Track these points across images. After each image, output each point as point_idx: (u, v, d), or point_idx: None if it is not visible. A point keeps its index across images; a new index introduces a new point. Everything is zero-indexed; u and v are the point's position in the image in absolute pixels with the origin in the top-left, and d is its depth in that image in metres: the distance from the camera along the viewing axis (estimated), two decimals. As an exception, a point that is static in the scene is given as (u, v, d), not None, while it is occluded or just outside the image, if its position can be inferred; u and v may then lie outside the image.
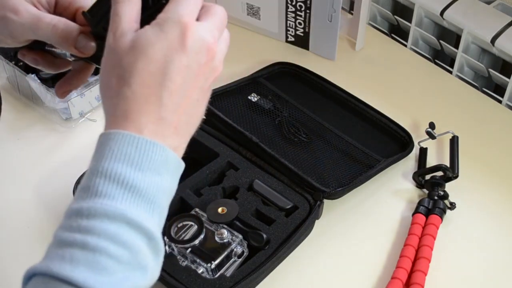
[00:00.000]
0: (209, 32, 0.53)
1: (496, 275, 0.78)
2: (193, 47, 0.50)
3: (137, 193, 0.47)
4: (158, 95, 0.49)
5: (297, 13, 1.04)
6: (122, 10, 0.51)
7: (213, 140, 0.88)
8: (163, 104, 0.49)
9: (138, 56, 0.49)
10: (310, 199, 0.81)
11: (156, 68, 0.49)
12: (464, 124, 0.95)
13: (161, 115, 0.49)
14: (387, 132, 0.92)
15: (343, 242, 0.81)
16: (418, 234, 0.79)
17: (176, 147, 0.50)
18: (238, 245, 0.74)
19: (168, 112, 0.49)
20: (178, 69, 0.50)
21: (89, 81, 0.94)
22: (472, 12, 1.00)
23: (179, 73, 0.50)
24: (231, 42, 1.17)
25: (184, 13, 0.50)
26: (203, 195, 0.81)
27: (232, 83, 0.96)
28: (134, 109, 0.48)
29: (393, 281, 0.74)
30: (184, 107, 0.51)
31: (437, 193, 0.83)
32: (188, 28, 0.50)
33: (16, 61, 0.98)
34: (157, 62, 0.49)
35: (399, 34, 1.12)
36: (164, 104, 0.49)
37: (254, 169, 0.84)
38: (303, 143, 0.89)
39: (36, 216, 0.82)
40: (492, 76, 1.00)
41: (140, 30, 0.50)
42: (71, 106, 0.92)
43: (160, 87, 0.49)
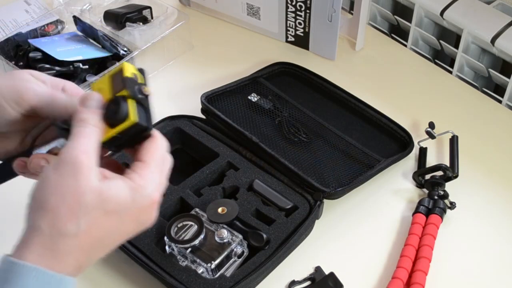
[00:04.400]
0: (158, 192, 0.55)
1: (496, 274, 0.78)
2: (148, 217, 0.55)
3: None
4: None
5: (297, 13, 1.04)
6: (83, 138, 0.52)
7: (213, 140, 0.88)
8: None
9: (107, 209, 0.51)
10: (310, 199, 0.81)
11: (107, 229, 0.52)
12: (464, 124, 0.95)
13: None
14: (387, 132, 0.92)
15: (343, 242, 0.81)
16: (418, 234, 0.79)
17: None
18: (238, 245, 0.74)
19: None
20: (122, 235, 0.54)
21: (89, 81, 0.94)
22: (472, 12, 1.00)
23: (118, 237, 0.54)
24: (231, 42, 1.18)
25: (156, 188, 0.54)
26: (203, 195, 0.81)
27: (232, 83, 0.96)
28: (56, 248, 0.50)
29: (394, 280, 0.74)
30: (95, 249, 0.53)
31: (437, 192, 0.83)
32: (154, 204, 0.54)
33: (16, 61, 0.98)
34: (116, 221, 0.52)
35: (399, 34, 1.12)
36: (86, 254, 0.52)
37: (254, 169, 0.84)
38: (303, 143, 0.89)
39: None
40: (492, 76, 1.00)
41: (112, 183, 0.52)
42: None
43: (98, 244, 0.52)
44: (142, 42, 1.01)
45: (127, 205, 0.52)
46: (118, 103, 0.53)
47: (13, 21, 1.08)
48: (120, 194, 0.51)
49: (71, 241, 0.50)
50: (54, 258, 0.50)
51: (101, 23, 1.06)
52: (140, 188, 0.52)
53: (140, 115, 0.53)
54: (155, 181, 0.53)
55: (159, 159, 0.55)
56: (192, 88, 0.99)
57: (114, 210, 0.51)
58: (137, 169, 0.53)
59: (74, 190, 0.50)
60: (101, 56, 0.99)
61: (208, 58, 1.07)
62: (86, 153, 0.51)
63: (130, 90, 0.53)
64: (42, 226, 0.50)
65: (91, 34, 1.03)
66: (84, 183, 0.50)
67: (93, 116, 0.53)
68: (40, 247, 0.49)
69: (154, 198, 0.53)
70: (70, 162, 0.50)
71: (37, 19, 1.04)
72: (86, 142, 0.52)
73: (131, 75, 0.54)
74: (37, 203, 0.51)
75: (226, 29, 1.13)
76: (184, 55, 1.07)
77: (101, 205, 0.51)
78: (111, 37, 1.00)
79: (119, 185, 0.52)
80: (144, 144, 0.55)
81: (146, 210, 0.54)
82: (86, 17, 1.06)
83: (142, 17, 1.06)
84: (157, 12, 1.08)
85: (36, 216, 0.50)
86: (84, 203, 0.50)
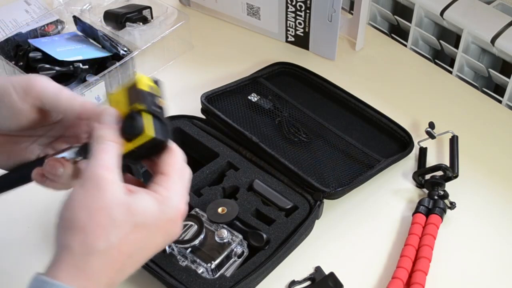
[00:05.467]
0: (183, 203, 0.55)
1: (497, 274, 0.78)
2: (175, 229, 0.55)
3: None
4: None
5: (297, 13, 1.04)
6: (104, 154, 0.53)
7: (213, 140, 0.88)
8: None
9: (136, 223, 0.51)
10: (310, 199, 0.81)
11: (137, 244, 0.52)
12: (464, 124, 0.95)
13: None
14: (387, 132, 0.92)
15: (343, 242, 0.81)
16: (418, 234, 0.79)
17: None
18: (238, 245, 0.74)
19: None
20: (150, 248, 0.54)
21: (89, 81, 0.94)
22: (472, 12, 1.00)
23: (147, 251, 0.54)
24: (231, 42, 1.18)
25: (181, 199, 0.54)
26: (203, 195, 0.81)
27: (232, 83, 0.96)
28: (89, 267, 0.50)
29: (394, 280, 0.74)
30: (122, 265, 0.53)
31: (437, 192, 0.83)
32: (181, 215, 0.54)
33: (16, 61, 0.98)
34: (146, 235, 0.52)
35: (399, 34, 1.12)
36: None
37: (254, 169, 0.84)
38: (303, 143, 0.89)
39: (36, 216, 0.82)
40: (492, 76, 1.00)
41: (138, 196, 0.52)
42: (71, 106, 0.92)
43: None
44: (142, 42, 1.01)
45: (156, 218, 0.52)
46: (133, 118, 0.53)
47: (13, 21, 1.08)
48: (147, 207, 0.52)
49: (102, 259, 0.50)
50: (86, 278, 0.49)
51: (101, 23, 1.06)
52: (166, 200, 0.53)
53: (156, 129, 0.54)
54: (179, 192, 0.54)
55: (180, 171, 0.55)
56: (192, 88, 0.99)
57: (143, 223, 0.51)
58: (160, 182, 0.54)
59: (102, 205, 0.50)
60: (101, 56, 0.99)
61: (208, 58, 1.07)
62: (109, 169, 0.51)
63: (145, 104, 0.54)
64: (73, 245, 0.49)
65: (91, 34, 1.03)
66: (111, 198, 0.50)
67: (111, 131, 0.54)
68: (71, 267, 0.49)
69: (180, 209, 0.54)
70: (94, 179, 0.51)
71: (37, 19, 1.04)
72: (107, 157, 0.52)
73: (146, 88, 0.55)
74: (65, 222, 0.50)
75: (226, 29, 1.13)
76: (184, 55, 1.07)
77: (130, 218, 0.51)
78: (111, 37, 1.00)
79: (145, 198, 0.52)
80: (163, 156, 0.55)
81: (173, 222, 0.54)
82: (86, 17, 1.06)
83: (142, 17, 1.06)
84: (157, 12, 1.08)
85: (65, 235, 0.50)
86: (113, 218, 0.50)
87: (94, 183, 0.50)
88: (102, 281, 0.50)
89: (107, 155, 0.52)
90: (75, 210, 0.50)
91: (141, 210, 0.51)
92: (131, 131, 0.53)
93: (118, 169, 0.52)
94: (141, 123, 0.53)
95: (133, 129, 0.53)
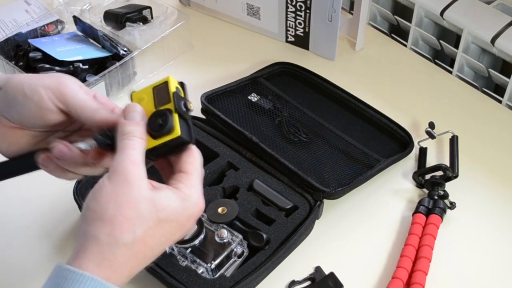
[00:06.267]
0: (202, 201, 0.57)
1: (496, 274, 0.78)
2: (191, 225, 0.57)
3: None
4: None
5: (297, 13, 1.04)
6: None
7: (213, 140, 0.88)
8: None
9: (160, 218, 0.53)
10: (310, 199, 0.81)
11: (163, 233, 0.54)
12: (464, 124, 0.95)
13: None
14: (387, 132, 0.92)
15: (343, 242, 0.81)
16: (418, 234, 0.79)
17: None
18: (238, 245, 0.74)
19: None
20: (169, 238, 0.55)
21: (89, 81, 0.94)
22: (472, 12, 1.00)
23: (165, 241, 0.55)
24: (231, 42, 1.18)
25: (201, 197, 0.56)
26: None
27: (232, 83, 0.96)
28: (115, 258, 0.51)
29: (394, 281, 0.74)
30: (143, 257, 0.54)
31: (437, 192, 0.83)
32: (200, 212, 0.56)
33: (16, 61, 0.98)
34: (168, 230, 0.54)
35: (399, 34, 1.12)
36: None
37: (254, 169, 0.84)
38: (303, 143, 0.89)
39: (36, 216, 0.82)
40: (492, 76, 1.00)
41: (162, 193, 0.54)
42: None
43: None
44: (142, 42, 1.01)
45: (178, 214, 0.54)
46: (165, 117, 0.56)
47: (13, 21, 1.08)
48: (171, 203, 0.54)
49: (127, 251, 0.51)
50: (110, 268, 0.51)
51: (101, 23, 1.06)
52: (188, 197, 0.55)
53: (183, 129, 0.56)
54: (199, 190, 0.56)
55: (199, 170, 0.57)
56: (192, 88, 0.97)
57: (166, 219, 0.53)
58: (182, 180, 0.56)
59: (130, 199, 0.52)
60: (101, 56, 0.99)
61: (208, 58, 1.07)
62: (137, 164, 0.53)
63: (177, 105, 0.56)
64: (100, 235, 0.51)
65: (91, 34, 1.03)
66: (138, 192, 0.52)
67: (138, 128, 0.56)
68: (97, 257, 0.50)
69: (200, 206, 0.56)
70: (122, 173, 0.52)
71: (37, 19, 1.05)
72: (135, 153, 0.54)
73: (175, 89, 0.57)
74: (93, 213, 0.52)
75: (226, 29, 1.13)
76: (184, 55, 1.07)
77: (155, 214, 0.52)
78: (111, 37, 1.00)
79: (169, 195, 0.54)
80: (184, 155, 0.57)
81: (192, 218, 0.56)
82: (86, 17, 1.06)
83: (142, 17, 1.06)
84: (157, 12, 1.08)
85: (93, 226, 0.51)
86: (140, 212, 0.52)
87: (123, 178, 0.52)
88: (125, 272, 0.52)
89: (135, 151, 0.54)
90: (103, 202, 0.51)
91: (165, 205, 0.53)
92: (160, 129, 0.56)
93: (144, 165, 0.54)
94: (171, 122, 0.55)
95: (163, 127, 0.55)
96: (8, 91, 0.59)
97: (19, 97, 0.58)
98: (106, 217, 0.51)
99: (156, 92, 0.58)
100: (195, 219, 0.57)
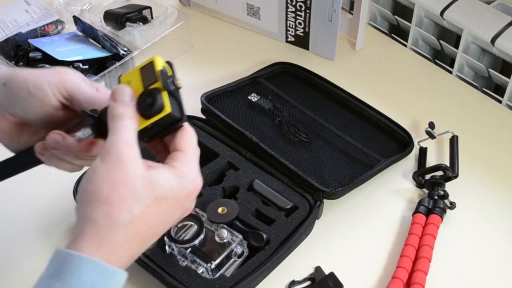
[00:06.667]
0: (200, 178, 0.57)
1: (496, 274, 0.78)
2: (190, 204, 0.57)
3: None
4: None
5: (297, 13, 1.04)
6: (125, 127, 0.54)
7: (213, 140, 0.88)
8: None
9: (157, 196, 0.52)
10: (310, 199, 0.81)
11: (159, 212, 0.53)
12: (464, 124, 0.95)
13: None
14: (387, 132, 0.92)
15: (343, 242, 0.81)
16: (418, 234, 0.79)
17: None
18: (238, 245, 0.74)
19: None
20: (168, 218, 0.55)
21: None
22: (472, 12, 1.00)
23: (163, 221, 0.55)
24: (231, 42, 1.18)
25: (198, 174, 0.56)
26: (203, 195, 0.81)
27: (232, 83, 0.96)
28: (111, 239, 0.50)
29: (394, 280, 0.74)
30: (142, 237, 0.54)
31: (437, 192, 0.83)
32: (198, 190, 0.56)
33: (16, 61, 0.98)
34: (166, 208, 0.53)
35: (399, 34, 1.12)
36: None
37: (254, 169, 0.84)
38: (303, 143, 0.89)
39: (36, 216, 0.82)
40: (492, 76, 1.00)
41: (158, 171, 0.53)
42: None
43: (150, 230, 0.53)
44: (142, 42, 1.01)
45: (175, 191, 0.53)
46: (153, 95, 0.55)
47: (13, 21, 1.08)
48: (167, 181, 0.53)
49: (126, 231, 0.51)
50: (109, 250, 0.50)
51: (101, 23, 1.06)
52: (184, 174, 0.54)
53: (173, 107, 0.55)
54: (196, 167, 0.56)
55: (194, 148, 0.57)
56: (192, 88, 0.99)
57: (164, 197, 0.53)
58: (177, 158, 0.55)
59: (125, 179, 0.51)
60: (101, 56, 0.99)
61: (208, 58, 1.07)
62: (129, 144, 0.53)
63: (164, 83, 0.55)
64: (97, 217, 0.50)
65: (91, 34, 1.03)
66: (133, 172, 0.52)
67: (128, 109, 0.55)
68: (95, 238, 0.50)
69: (197, 183, 0.56)
70: (115, 154, 0.52)
71: (37, 19, 1.05)
72: (127, 134, 0.53)
73: (162, 68, 0.56)
74: (88, 196, 0.51)
75: (226, 29, 1.13)
76: (184, 55, 1.07)
77: (152, 192, 0.52)
78: (111, 37, 1.00)
79: (165, 173, 0.53)
80: (178, 134, 0.56)
81: (190, 196, 0.56)
82: (86, 17, 1.06)
83: (142, 17, 1.06)
84: (157, 12, 1.08)
85: (89, 208, 0.51)
86: (136, 191, 0.51)
87: (116, 158, 0.52)
88: (124, 254, 0.51)
89: (127, 131, 0.53)
90: (98, 183, 0.51)
91: (162, 183, 0.52)
92: (149, 108, 0.55)
93: (137, 145, 0.53)
94: (161, 100, 0.55)
95: (152, 106, 0.55)
96: (12, 87, 0.59)
97: (23, 94, 0.58)
98: (102, 198, 0.50)
99: (144, 73, 0.57)
100: (192, 199, 0.56)
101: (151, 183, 0.52)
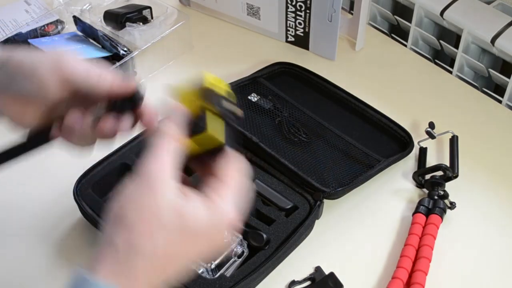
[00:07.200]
0: (235, 214, 0.52)
1: (497, 274, 0.78)
2: (221, 239, 0.52)
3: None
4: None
5: (297, 13, 1.04)
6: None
7: (213, 140, 0.88)
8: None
9: (183, 227, 0.49)
10: (310, 199, 0.81)
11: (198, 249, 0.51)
12: (464, 124, 0.95)
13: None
14: (387, 132, 0.92)
15: (343, 242, 0.81)
16: (418, 234, 0.79)
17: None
18: (238, 245, 0.74)
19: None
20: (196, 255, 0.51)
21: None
22: (472, 12, 1.00)
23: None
24: (231, 42, 1.17)
25: (233, 210, 0.51)
26: (203, 195, 0.81)
27: (232, 83, 0.96)
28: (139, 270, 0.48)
29: (394, 281, 0.74)
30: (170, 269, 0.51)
31: (437, 192, 0.83)
32: (230, 226, 0.51)
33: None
34: (193, 242, 0.50)
35: (399, 34, 1.12)
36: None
37: (254, 169, 0.84)
38: (303, 143, 0.89)
39: (36, 216, 0.82)
40: (492, 76, 1.00)
41: (190, 201, 0.50)
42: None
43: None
44: (142, 42, 1.01)
45: (204, 225, 0.50)
46: (204, 121, 0.53)
47: (13, 21, 1.08)
48: (197, 213, 0.49)
49: (146, 260, 0.48)
50: (126, 277, 0.47)
51: (101, 23, 1.06)
52: (217, 208, 0.50)
53: (227, 137, 0.53)
54: (232, 201, 0.52)
55: (238, 180, 0.53)
56: (192, 88, 0.99)
57: (190, 229, 0.49)
58: (217, 188, 0.52)
59: (151, 204, 0.48)
60: (101, 56, 0.99)
61: (208, 58, 1.07)
62: (164, 167, 0.50)
63: (222, 111, 0.53)
64: (117, 242, 0.48)
65: (91, 34, 1.03)
66: (162, 198, 0.48)
67: (177, 129, 0.52)
68: (114, 264, 0.48)
69: (229, 220, 0.51)
70: (146, 175, 0.49)
71: (37, 19, 1.05)
72: (165, 155, 0.50)
73: (223, 92, 0.54)
74: (114, 218, 0.49)
75: (226, 29, 1.13)
76: (184, 55, 1.07)
77: (178, 222, 0.49)
78: (111, 37, 1.00)
79: (197, 205, 0.50)
80: (223, 162, 0.53)
81: (220, 231, 0.51)
82: (86, 17, 1.06)
83: (142, 17, 1.06)
84: (157, 12, 1.08)
85: (112, 231, 0.49)
86: (161, 219, 0.48)
87: (146, 181, 0.49)
88: (142, 283, 0.48)
89: (166, 153, 0.50)
90: (124, 206, 0.49)
91: (192, 216, 0.49)
92: (200, 133, 0.52)
93: (176, 169, 0.50)
94: (216, 129, 0.52)
95: (203, 131, 0.52)
96: (8, 71, 0.58)
97: (19, 77, 0.57)
98: (126, 223, 0.48)
99: (203, 93, 0.54)
100: (221, 233, 0.52)
101: (180, 214, 0.49)
